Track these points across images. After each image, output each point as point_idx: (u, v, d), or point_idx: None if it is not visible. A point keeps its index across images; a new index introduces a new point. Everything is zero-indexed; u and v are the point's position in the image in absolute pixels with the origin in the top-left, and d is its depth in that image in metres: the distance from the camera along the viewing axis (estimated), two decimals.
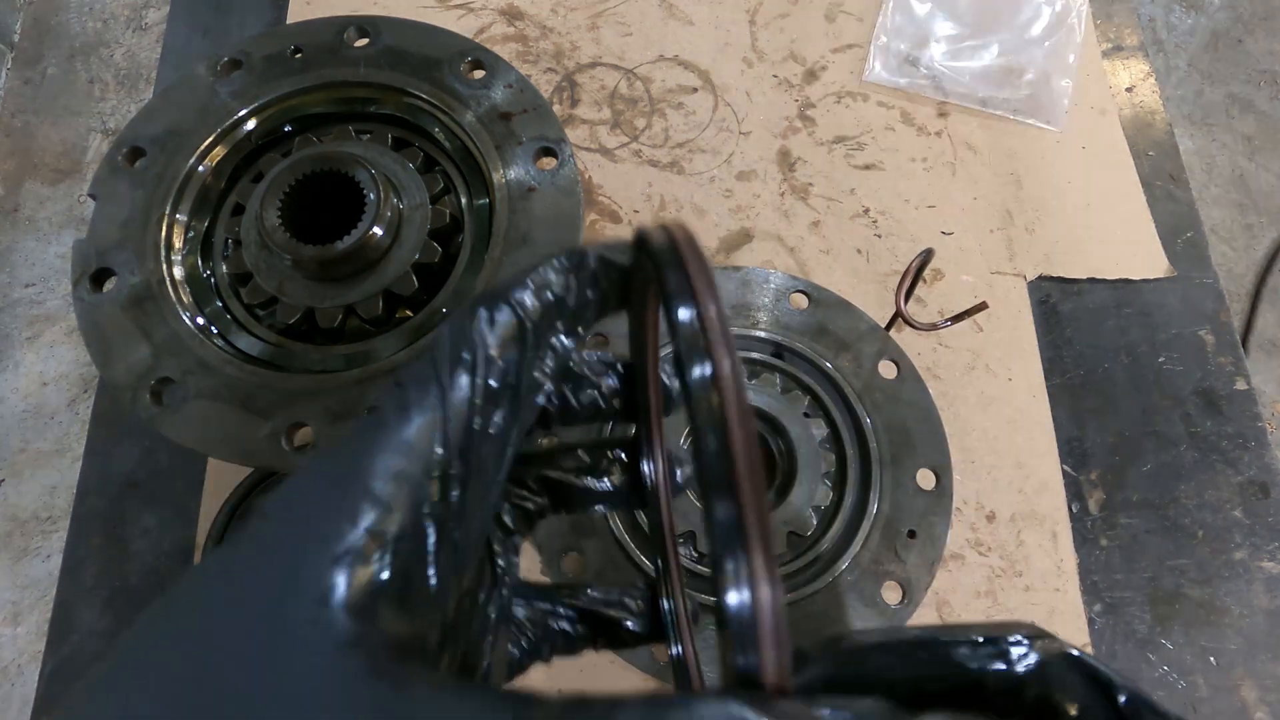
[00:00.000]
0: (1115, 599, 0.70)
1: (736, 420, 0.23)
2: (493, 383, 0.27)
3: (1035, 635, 0.26)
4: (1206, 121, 2.43)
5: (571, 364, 0.33)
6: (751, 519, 0.22)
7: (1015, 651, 0.25)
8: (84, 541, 0.71)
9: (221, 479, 0.71)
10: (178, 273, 0.61)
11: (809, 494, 0.66)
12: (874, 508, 0.67)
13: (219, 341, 0.60)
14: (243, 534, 0.24)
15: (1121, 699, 0.24)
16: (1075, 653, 0.25)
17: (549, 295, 0.29)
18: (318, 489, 0.25)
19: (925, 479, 0.69)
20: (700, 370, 0.24)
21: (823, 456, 0.68)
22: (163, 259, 0.60)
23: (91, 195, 0.62)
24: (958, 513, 0.71)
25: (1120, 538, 0.72)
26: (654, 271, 0.27)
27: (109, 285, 0.59)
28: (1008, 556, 0.70)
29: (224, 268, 0.64)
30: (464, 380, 0.27)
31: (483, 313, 0.28)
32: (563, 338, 0.30)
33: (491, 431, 0.27)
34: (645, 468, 0.37)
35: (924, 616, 0.68)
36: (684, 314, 0.25)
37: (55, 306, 2.14)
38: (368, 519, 0.24)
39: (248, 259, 0.61)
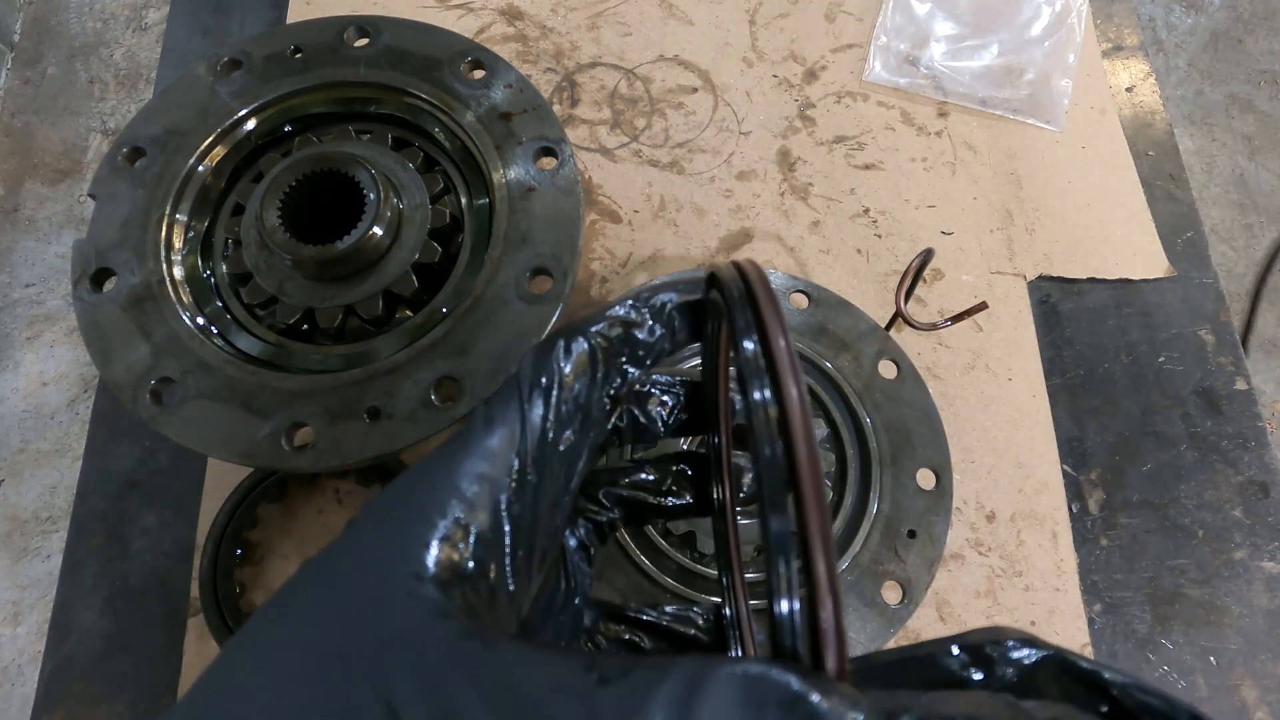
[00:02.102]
0: (1115, 599, 0.70)
1: (802, 433, 0.25)
2: (565, 406, 0.31)
3: (1023, 641, 0.27)
4: (1206, 121, 2.43)
5: (640, 386, 0.38)
6: (815, 528, 0.24)
7: (998, 657, 0.27)
8: (84, 541, 0.71)
9: (221, 479, 0.71)
10: (178, 273, 0.61)
11: None
12: (874, 507, 0.67)
13: (219, 341, 0.60)
14: (360, 521, 0.30)
15: (1113, 691, 0.25)
16: (1054, 652, 0.26)
17: (620, 329, 0.33)
18: (417, 485, 0.30)
19: (925, 479, 0.69)
20: (761, 395, 0.26)
21: (822, 456, 0.68)
22: (163, 259, 0.60)
23: (91, 195, 0.62)
24: (958, 513, 0.71)
25: (1120, 538, 0.72)
26: (725, 307, 0.30)
27: (109, 285, 0.59)
28: (1008, 556, 0.70)
29: (224, 268, 0.64)
30: (540, 401, 0.31)
31: (561, 343, 0.32)
32: (632, 368, 0.34)
33: (563, 447, 0.31)
34: (713, 481, 0.40)
35: (924, 616, 0.68)
36: (750, 346, 0.27)
37: (55, 306, 2.14)
38: (454, 512, 0.28)
39: (248, 259, 0.61)
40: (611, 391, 0.33)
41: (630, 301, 0.34)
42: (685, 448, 0.61)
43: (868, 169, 0.85)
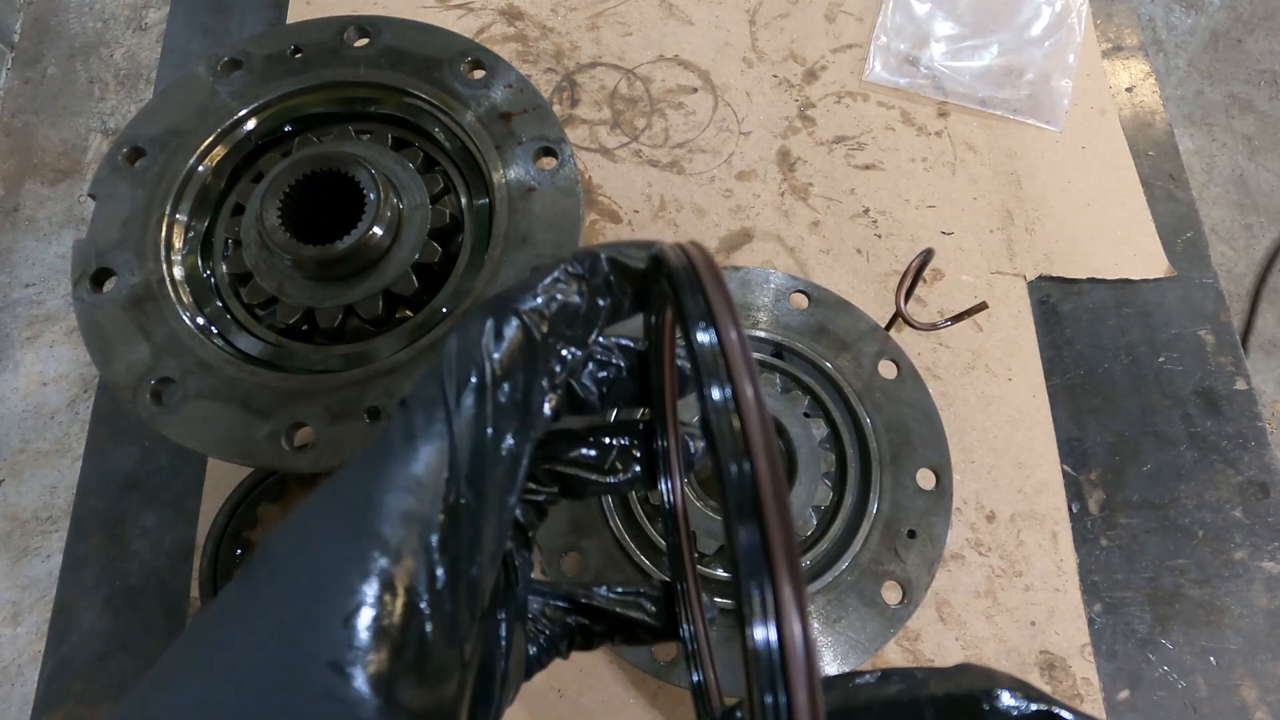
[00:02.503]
0: (1115, 599, 0.70)
1: (761, 447, 0.22)
2: (501, 399, 0.26)
3: (1015, 689, 0.25)
4: (1206, 121, 2.43)
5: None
6: (779, 548, 0.21)
7: (988, 711, 0.25)
8: (84, 541, 0.71)
9: (221, 479, 0.71)
10: (178, 273, 0.61)
11: (809, 494, 0.66)
12: (874, 508, 0.67)
13: (219, 341, 0.60)
14: (250, 581, 0.23)
15: None
16: (1045, 709, 0.25)
17: (557, 303, 0.28)
18: (325, 532, 0.24)
19: (925, 479, 0.69)
20: (721, 394, 0.23)
21: (823, 456, 0.68)
22: (163, 259, 0.60)
23: (91, 195, 0.62)
24: (958, 513, 0.71)
25: (1120, 538, 0.72)
26: (671, 293, 0.26)
27: (109, 285, 0.59)
28: (1008, 556, 0.70)
29: (224, 268, 0.64)
30: (470, 401, 0.25)
31: (489, 325, 0.27)
32: (573, 349, 0.29)
33: (503, 453, 0.26)
34: (658, 449, 0.36)
35: (924, 616, 0.68)
36: (703, 338, 0.24)
37: (55, 306, 2.14)
38: (376, 568, 0.23)
39: (248, 259, 0.61)
40: (553, 381, 0.28)
41: (565, 267, 0.28)
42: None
43: (868, 169, 0.85)
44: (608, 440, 0.35)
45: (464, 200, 0.66)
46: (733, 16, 0.93)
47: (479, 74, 0.67)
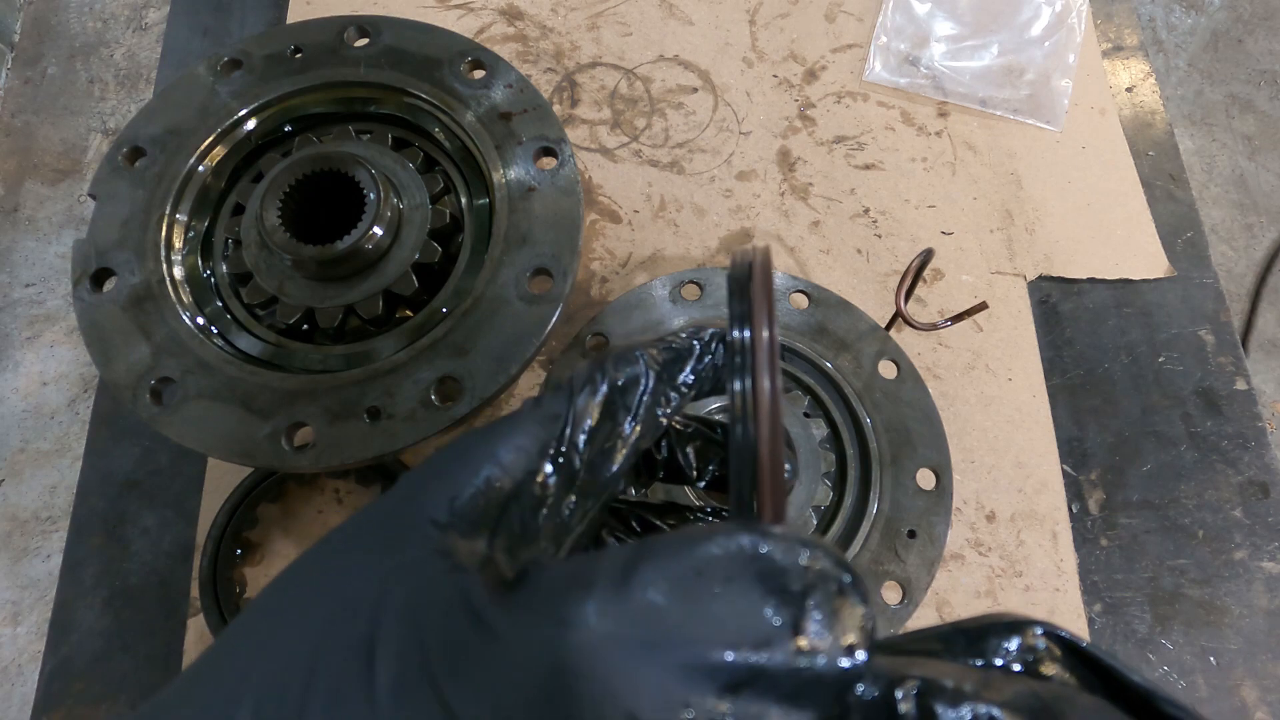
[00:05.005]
0: (1115, 599, 0.70)
1: (766, 423, 0.28)
2: (613, 401, 0.34)
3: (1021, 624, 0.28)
4: (1206, 121, 2.43)
5: (685, 428, 0.41)
6: (766, 448, 0.28)
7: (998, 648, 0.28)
8: (84, 541, 0.71)
9: (221, 479, 0.71)
10: (178, 273, 0.61)
11: (809, 494, 0.66)
12: (874, 508, 0.67)
13: (219, 341, 0.60)
14: (409, 475, 0.33)
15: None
16: (1065, 635, 0.28)
17: (670, 354, 0.37)
18: (464, 446, 0.33)
19: (925, 479, 0.69)
20: (742, 384, 0.30)
21: (823, 456, 0.68)
22: (163, 259, 0.60)
23: (91, 195, 0.62)
24: (958, 513, 0.71)
25: (1120, 538, 0.72)
26: (728, 294, 0.33)
27: (109, 285, 0.59)
28: (1008, 556, 0.70)
29: (224, 268, 0.64)
30: (588, 395, 0.34)
31: (614, 353, 0.36)
32: (682, 390, 0.37)
33: (606, 440, 0.34)
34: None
35: (924, 616, 0.68)
36: (735, 335, 0.31)
37: (55, 306, 2.13)
38: (486, 472, 0.32)
39: (248, 259, 0.61)
40: (662, 402, 0.36)
41: (680, 333, 0.38)
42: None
43: (868, 169, 0.85)
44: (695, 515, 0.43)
45: (464, 200, 0.66)
46: (733, 16, 0.92)
47: (479, 74, 0.67)
